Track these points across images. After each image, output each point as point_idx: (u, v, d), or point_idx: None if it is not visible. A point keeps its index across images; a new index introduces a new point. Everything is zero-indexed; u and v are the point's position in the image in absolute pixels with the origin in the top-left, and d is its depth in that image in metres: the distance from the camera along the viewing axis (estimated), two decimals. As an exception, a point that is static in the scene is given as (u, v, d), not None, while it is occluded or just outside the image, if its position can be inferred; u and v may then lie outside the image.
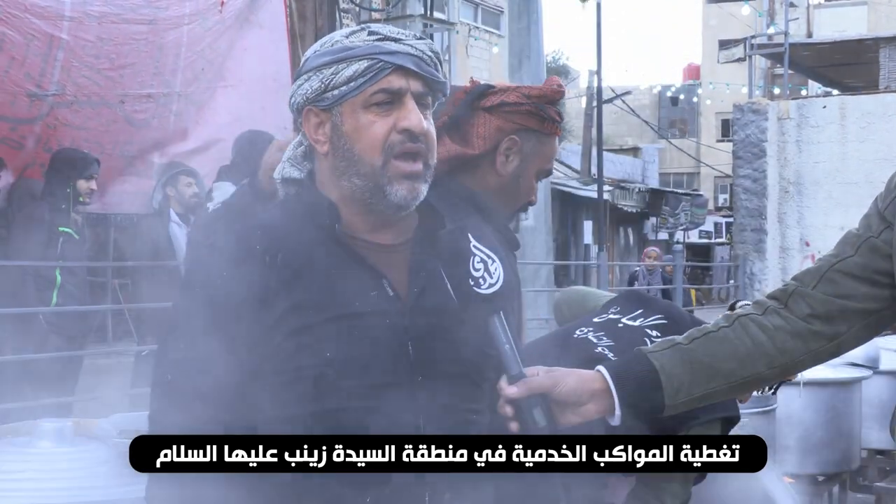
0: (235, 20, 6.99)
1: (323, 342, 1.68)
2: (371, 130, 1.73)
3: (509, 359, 1.71)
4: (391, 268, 1.76)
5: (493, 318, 1.71)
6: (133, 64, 6.31)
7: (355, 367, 1.68)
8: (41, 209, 5.81)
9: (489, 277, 1.71)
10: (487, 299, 1.70)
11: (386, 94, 1.73)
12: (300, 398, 1.68)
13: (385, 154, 1.73)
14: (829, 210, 13.50)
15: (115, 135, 6.35)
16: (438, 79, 1.79)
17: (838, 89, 18.73)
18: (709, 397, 1.86)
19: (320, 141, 1.78)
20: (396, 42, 1.75)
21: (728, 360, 1.84)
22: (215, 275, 1.71)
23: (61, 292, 5.94)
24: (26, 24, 5.64)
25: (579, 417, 1.77)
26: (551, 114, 2.39)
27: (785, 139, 13.87)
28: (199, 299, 1.72)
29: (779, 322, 1.86)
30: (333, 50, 1.76)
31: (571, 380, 1.76)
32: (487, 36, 27.93)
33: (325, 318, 1.68)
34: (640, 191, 29.74)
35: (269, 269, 1.70)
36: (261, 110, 6.83)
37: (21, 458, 2.57)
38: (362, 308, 1.70)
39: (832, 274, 1.86)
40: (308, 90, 1.77)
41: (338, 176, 1.77)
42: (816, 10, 30.81)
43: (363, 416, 1.68)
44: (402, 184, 1.73)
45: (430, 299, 1.75)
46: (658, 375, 1.81)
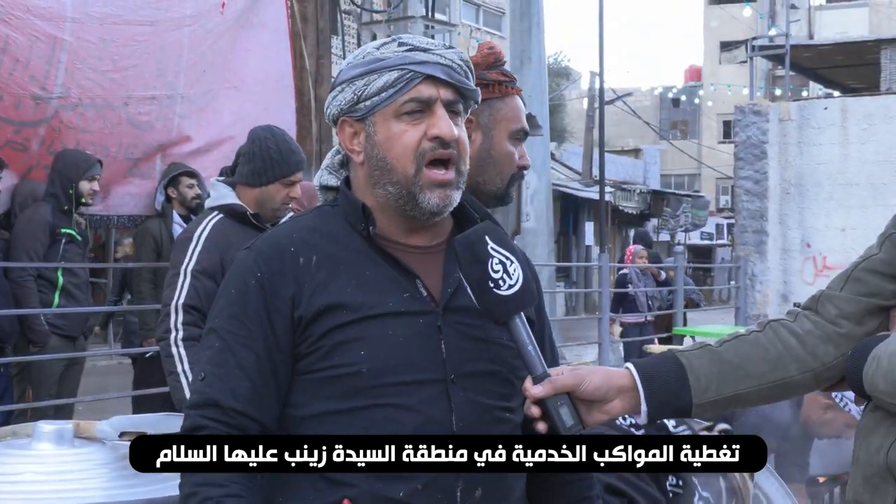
0: (237, 21, 6.98)
1: (357, 341, 1.73)
2: (403, 139, 1.78)
3: (533, 359, 1.72)
4: (426, 269, 1.82)
5: (515, 319, 1.72)
6: (136, 65, 6.31)
7: (389, 366, 1.73)
8: (43, 211, 5.81)
9: (508, 279, 1.72)
10: (508, 300, 1.71)
11: (416, 102, 1.79)
12: (335, 396, 1.73)
13: (417, 162, 1.78)
14: (830, 211, 13.49)
15: (119, 137, 6.35)
16: (469, 86, 1.84)
17: (839, 91, 18.72)
18: (738, 400, 1.83)
19: (355, 151, 1.85)
20: (426, 52, 1.81)
21: (758, 363, 1.82)
22: (252, 277, 1.77)
23: (63, 294, 5.95)
24: (29, 25, 5.64)
25: (606, 415, 1.77)
26: (494, 77, 2.35)
27: (786, 140, 13.86)
28: (241, 301, 1.77)
29: (809, 326, 1.85)
30: (365, 62, 1.82)
31: (597, 377, 1.75)
32: (489, 37, 27.96)
33: (360, 318, 1.74)
34: (641, 192, 29.76)
35: (304, 271, 1.76)
36: (264, 111, 6.83)
37: (21, 460, 2.57)
38: (396, 308, 1.76)
39: (858, 273, 1.85)
40: (342, 101, 1.83)
41: (372, 184, 1.82)
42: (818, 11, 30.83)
43: (396, 413, 1.72)
44: (434, 192, 1.79)
45: (464, 300, 1.78)
46: (686, 373, 1.79)
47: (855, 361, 1.75)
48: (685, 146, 40.59)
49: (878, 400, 1.70)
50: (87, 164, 5.84)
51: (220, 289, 1.85)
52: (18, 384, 5.93)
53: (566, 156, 31.06)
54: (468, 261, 1.72)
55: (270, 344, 1.74)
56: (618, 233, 30.53)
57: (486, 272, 1.71)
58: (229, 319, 1.77)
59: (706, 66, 44.83)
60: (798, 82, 24.51)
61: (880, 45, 15.47)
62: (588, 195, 25.86)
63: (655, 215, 30.53)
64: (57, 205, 5.82)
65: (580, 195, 26.28)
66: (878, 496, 1.71)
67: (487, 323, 1.77)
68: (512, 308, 1.71)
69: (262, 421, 1.74)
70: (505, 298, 1.71)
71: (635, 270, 12.02)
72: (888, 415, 1.71)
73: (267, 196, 3.90)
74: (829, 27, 28.11)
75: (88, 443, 2.75)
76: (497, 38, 27.58)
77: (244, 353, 1.74)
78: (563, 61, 42.75)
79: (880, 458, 1.70)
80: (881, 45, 15.45)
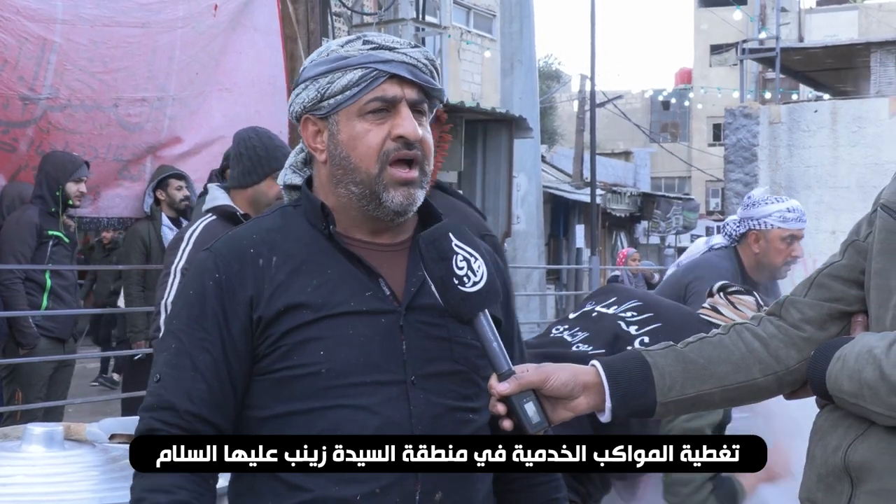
0: (229, 24, 6.98)
1: (317, 340, 1.70)
2: (366, 138, 1.76)
3: (498, 356, 1.71)
4: (389, 267, 1.79)
5: (480, 317, 1.70)
6: (127, 67, 6.30)
7: (348, 366, 1.70)
8: (31, 213, 5.79)
9: (473, 275, 1.70)
10: (472, 297, 1.69)
11: (381, 102, 1.76)
12: (294, 396, 1.71)
13: (381, 162, 1.75)
14: (819, 214, 13.53)
15: (108, 138, 6.34)
16: (434, 86, 1.81)
17: (829, 94, 18.79)
18: (701, 400, 1.84)
19: (318, 149, 1.82)
20: (391, 51, 1.78)
21: (722, 364, 1.82)
22: (210, 279, 1.74)
23: (51, 296, 5.93)
24: (19, 26, 5.63)
25: (571, 412, 1.76)
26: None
27: (776, 143, 13.90)
28: (199, 303, 1.74)
29: (772, 330, 1.86)
30: (329, 59, 1.79)
31: (563, 374, 1.75)
32: (480, 40, 27.95)
33: (321, 317, 1.71)
34: (631, 195, 29.76)
35: (264, 272, 1.73)
36: (256, 113, 6.83)
37: (11, 462, 2.56)
38: (357, 307, 1.73)
39: (822, 279, 1.86)
40: (305, 99, 1.80)
41: (335, 183, 1.80)
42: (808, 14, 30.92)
43: (356, 414, 1.69)
44: (398, 190, 1.76)
45: (427, 299, 1.76)
46: (651, 371, 1.80)
47: (816, 363, 1.75)
48: (675, 149, 40.64)
49: (840, 401, 1.70)
50: (74, 166, 5.82)
51: (178, 290, 1.83)
52: (8, 387, 5.91)
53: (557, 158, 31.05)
54: (432, 258, 1.70)
55: (227, 346, 1.71)
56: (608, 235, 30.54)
57: (451, 269, 1.69)
58: (186, 321, 1.74)
59: (696, 69, 44.90)
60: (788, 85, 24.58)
61: (870, 48, 15.53)
62: (578, 198, 25.85)
63: (646, 218, 30.53)
64: (44, 207, 5.80)
65: (571, 197, 26.27)
66: (832, 495, 1.71)
67: (451, 322, 1.75)
68: (476, 305, 1.70)
69: (217, 424, 1.71)
70: (469, 295, 1.69)
71: (627, 272, 12.03)
72: (847, 415, 1.71)
73: (259, 194, 3.93)
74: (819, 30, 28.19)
75: (78, 445, 2.74)
76: (488, 41, 27.59)
77: (201, 355, 1.71)
78: (553, 64, 42.82)
79: (837, 458, 1.70)
80: (871, 48, 15.51)
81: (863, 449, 1.67)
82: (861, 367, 1.64)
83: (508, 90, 12.83)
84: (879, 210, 1.76)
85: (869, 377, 1.62)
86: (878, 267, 1.74)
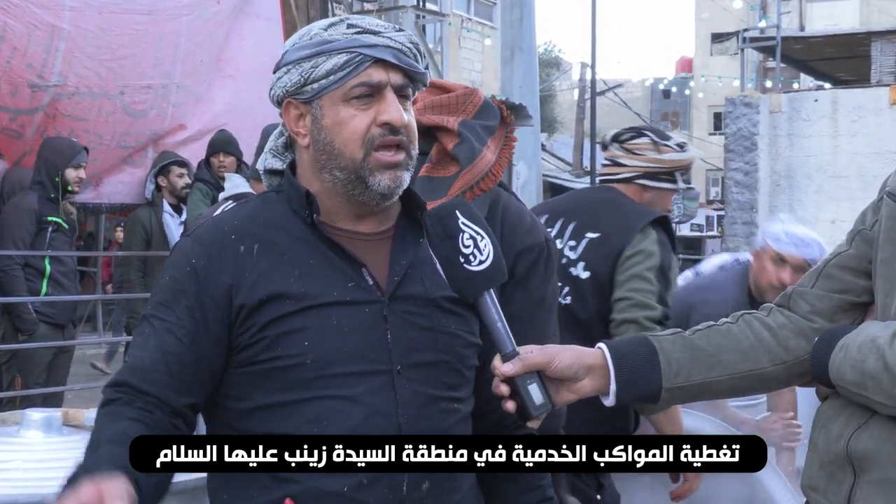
0: (232, 11, 6.99)
1: (301, 331, 1.68)
2: (351, 124, 1.73)
3: (502, 337, 1.68)
4: (373, 256, 1.77)
5: (485, 296, 1.69)
6: (133, 55, 6.31)
7: (334, 356, 1.68)
8: (30, 199, 5.79)
9: (479, 254, 1.68)
10: (478, 276, 1.68)
11: (366, 87, 1.73)
12: (279, 388, 1.69)
13: (366, 147, 1.73)
14: (820, 204, 13.53)
15: (113, 125, 6.35)
16: (419, 70, 1.78)
17: (830, 83, 18.75)
18: (707, 388, 1.82)
19: (301, 133, 1.79)
20: (375, 35, 1.75)
21: (730, 352, 1.81)
22: (187, 264, 1.72)
23: (50, 282, 5.94)
24: (28, 13, 5.63)
25: (575, 395, 1.75)
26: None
27: (776, 132, 13.89)
28: (174, 288, 1.72)
29: (782, 320, 1.84)
30: (312, 43, 1.76)
31: (568, 355, 1.73)
32: (480, 27, 27.90)
33: (303, 308, 1.69)
34: (631, 183, 29.74)
35: (245, 260, 1.71)
36: (258, 100, 6.83)
37: (9, 447, 2.56)
38: (340, 297, 1.71)
39: (829, 270, 1.85)
40: (287, 83, 1.78)
41: (319, 169, 1.77)
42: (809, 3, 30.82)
43: (341, 405, 1.68)
44: (384, 174, 1.74)
45: (411, 288, 1.75)
46: (657, 356, 1.78)
47: (819, 351, 1.74)
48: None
49: (843, 390, 1.69)
50: (73, 152, 5.81)
51: (161, 275, 1.81)
52: (7, 372, 5.92)
53: (557, 146, 31.05)
54: (438, 236, 1.69)
55: (200, 332, 1.68)
56: (608, 224, 30.50)
57: (457, 247, 1.67)
58: (159, 306, 1.71)
59: (697, 58, 44.80)
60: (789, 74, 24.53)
61: (871, 37, 15.48)
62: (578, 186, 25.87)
63: (646, 206, 30.53)
64: (43, 193, 5.79)
65: (571, 186, 26.28)
66: (834, 483, 1.71)
67: (435, 311, 1.74)
68: (482, 284, 1.68)
69: (176, 408, 1.67)
70: (475, 274, 1.67)
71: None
72: (849, 403, 1.71)
73: None
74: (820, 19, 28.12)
75: (77, 431, 2.74)
76: (488, 28, 27.53)
77: (167, 338, 1.68)
78: (554, 52, 42.74)
79: (840, 445, 1.70)
80: (872, 37, 15.46)
81: (865, 438, 1.67)
82: (864, 357, 1.64)
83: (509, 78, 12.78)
84: (886, 198, 1.75)
85: (872, 367, 1.62)
86: (885, 255, 1.73)
